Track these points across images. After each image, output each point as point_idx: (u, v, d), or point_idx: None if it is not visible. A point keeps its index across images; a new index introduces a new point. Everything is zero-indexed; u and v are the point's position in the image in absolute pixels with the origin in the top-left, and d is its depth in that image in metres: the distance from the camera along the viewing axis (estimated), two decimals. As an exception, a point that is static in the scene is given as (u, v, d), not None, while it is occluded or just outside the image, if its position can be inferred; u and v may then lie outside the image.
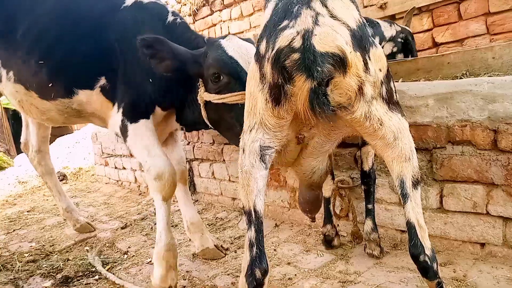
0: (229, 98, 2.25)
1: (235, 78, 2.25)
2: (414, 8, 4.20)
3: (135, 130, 2.64)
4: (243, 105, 2.16)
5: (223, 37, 2.43)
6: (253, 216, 1.65)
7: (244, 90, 2.17)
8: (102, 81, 2.70)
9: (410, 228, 1.63)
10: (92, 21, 2.76)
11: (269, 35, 1.52)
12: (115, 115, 2.72)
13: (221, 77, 2.28)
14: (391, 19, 4.72)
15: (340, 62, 1.38)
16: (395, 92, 1.71)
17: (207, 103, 2.44)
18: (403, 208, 1.65)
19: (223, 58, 2.28)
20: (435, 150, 2.42)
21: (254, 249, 1.64)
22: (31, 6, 2.85)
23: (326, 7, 1.49)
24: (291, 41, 1.40)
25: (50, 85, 2.79)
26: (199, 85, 2.50)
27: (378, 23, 3.77)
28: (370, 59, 1.51)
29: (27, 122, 4.02)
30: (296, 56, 1.38)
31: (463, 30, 4.21)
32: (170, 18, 2.74)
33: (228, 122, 2.37)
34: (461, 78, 2.73)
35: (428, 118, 2.40)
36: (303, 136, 1.74)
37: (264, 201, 1.71)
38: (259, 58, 1.59)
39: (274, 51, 1.44)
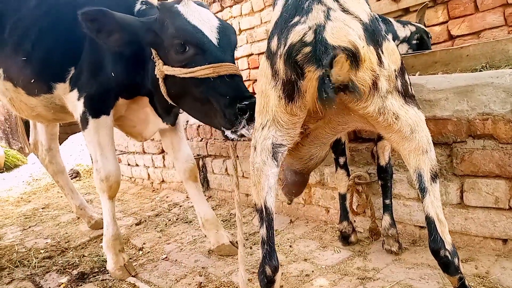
0: (200, 71, 2.13)
1: (203, 49, 2.15)
2: (427, 4, 4.11)
3: (95, 124, 2.71)
4: (215, 78, 2.12)
5: (177, 2, 2.29)
6: (264, 213, 1.66)
7: (212, 61, 2.13)
8: (72, 71, 2.73)
9: (430, 223, 1.61)
10: (69, 14, 2.72)
11: (280, 32, 1.52)
12: (76, 102, 2.74)
13: (187, 49, 2.16)
14: (405, 12, 4.65)
15: (352, 57, 1.35)
16: (410, 85, 1.69)
17: (168, 77, 2.33)
18: (422, 202, 1.63)
19: (188, 27, 2.15)
20: (455, 144, 2.37)
21: (265, 246, 1.66)
22: (18, 5, 2.89)
23: (337, 1, 1.49)
24: (303, 36, 1.39)
25: (32, 81, 2.85)
26: (153, 57, 2.38)
27: (390, 21, 3.70)
28: (383, 53, 1.49)
29: (35, 122, 4.02)
30: (307, 49, 1.36)
31: (479, 22, 4.11)
32: (138, 6, 2.70)
33: (197, 97, 2.28)
34: (480, 70, 2.66)
35: (447, 112, 2.35)
36: (307, 127, 1.72)
37: (276, 198, 1.70)
38: (270, 55, 1.58)
39: (286, 47, 1.43)
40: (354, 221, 2.88)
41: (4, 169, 9.04)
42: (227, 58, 2.20)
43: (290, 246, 2.86)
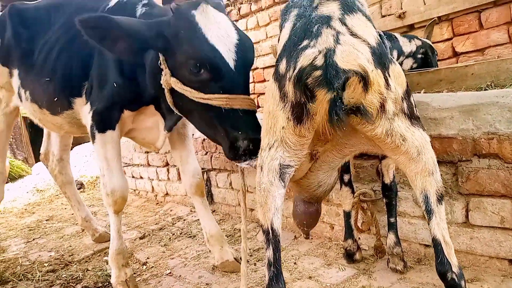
0: (213, 101, 2.00)
1: (219, 75, 1.98)
2: (435, 21, 4.15)
3: (101, 139, 2.73)
4: (227, 109, 1.98)
5: (194, 5, 2.07)
6: (271, 235, 1.66)
7: (227, 90, 1.98)
8: (86, 85, 2.78)
9: (436, 245, 1.61)
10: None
11: (289, 55, 1.53)
12: (88, 116, 2.78)
13: (202, 71, 1.99)
14: (410, 28, 4.69)
15: (362, 80, 1.37)
16: (415, 107, 1.71)
17: (175, 90, 2.16)
18: (428, 224, 1.63)
19: (205, 48, 1.97)
20: (460, 163, 2.37)
21: (272, 268, 1.66)
22: (43, 30, 3.02)
23: (345, 25, 1.51)
24: (313, 60, 1.40)
25: (55, 99, 2.92)
26: (160, 63, 2.19)
27: (396, 37, 3.73)
28: (390, 76, 1.51)
29: (49, 132, 4.10)
30: (318, 73, 1.38)
31: (484, 40, 4.14)
32: (140, 10, 2.58)
33: (205, 119, 2.16)
34: (486, 89, 2.68)
35: (453, 131, 2.35)
36: (317, 152, 1.73)
37: (281, 218, 1.70)
38: (278, 77, 1.59)
39: (296, 70, 1.44)
40: (359, 238, 2.87)
41: (9, 179, 9.07)
42: (243, 87, 2.08)
43: (295, 263, 2.85)
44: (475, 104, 2.29)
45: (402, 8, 4.64)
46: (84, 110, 2.83)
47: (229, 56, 2.00)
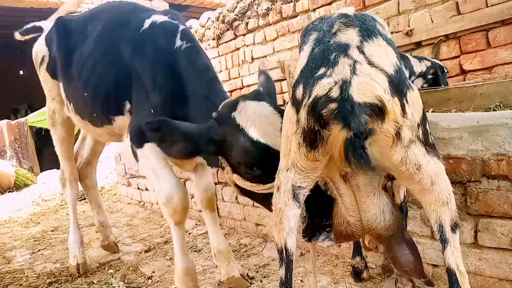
0: (267, 189, 1.99)
1: (274, 166, 1.85)
2: (442, 40, 4.18)
3: (142, 153, 2.66)
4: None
5: (233, 106, 2.12)
6: (284, 254, 1.66)
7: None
8: (128, 105, 2.77)
9: (450, 274, 1.59)
10: (118, 50, 2.82)
11: (305, 82, 1.53)
12: (126, 134, 2.79)
13: (255, 169, 2.01)
14: (417, 46, 4.71)
15: (379, 111, 1.38)
16: (430, 134, 1.69)
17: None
18: (443, 253, 1.61)
19: (252, 149, 1.98)
20: (469, 183, 2.36)
21: (283, 287, 1.65)
22: (81, 44, 3.06)
23: (363, 53, 1.49)
24: (328, 91, 1.40)
25: (94, 115, 2.98)
26: (221, 162, 2.26)
27: (407, 57, 3.77)
28: (407, 103, 1.49)
29: (85, 135, 4.17)
30: (333, 106, 1.38)
31: (492, 58, 4.16)
32: (178, 42, 2.62)
33: (261, 198, 2.15)
34: (494, 109, 2.68)
35: (462, 151, 2.36)
36: (345, 173, 1.72)
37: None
38: (295, 103, 1.59)
39: (311, 99, 1.44)
40: (366, 256, 2.86)
41: (14, 188, 9.12)
42: None
43: (301, 281, 2.84)
44: (484, 125, 2.28)
45: (409, 26, 4.67)
46: (123, 129, 2.86)
47: (277, 143, 1.90)
